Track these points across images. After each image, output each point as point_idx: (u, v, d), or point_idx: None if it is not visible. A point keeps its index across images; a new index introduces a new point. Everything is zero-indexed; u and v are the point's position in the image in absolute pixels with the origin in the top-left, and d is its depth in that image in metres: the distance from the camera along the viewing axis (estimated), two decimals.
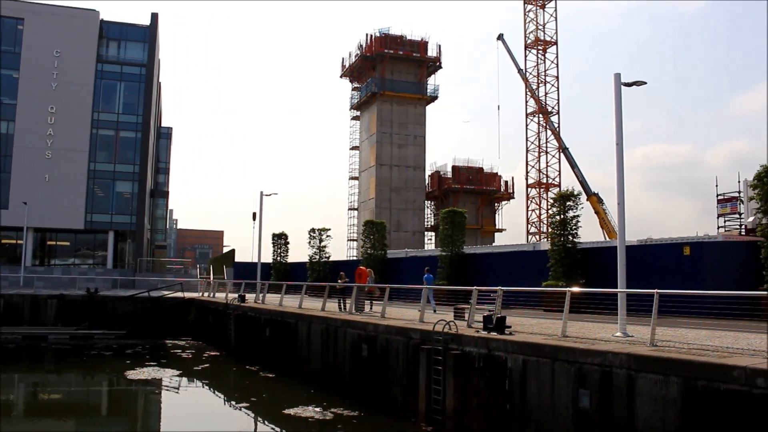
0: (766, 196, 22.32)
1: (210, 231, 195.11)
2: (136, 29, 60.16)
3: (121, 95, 58.40)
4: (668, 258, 25.66)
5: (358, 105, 78.12)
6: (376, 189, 71.73)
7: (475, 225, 73.38)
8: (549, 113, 71.46)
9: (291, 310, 26.74)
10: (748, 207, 32.03)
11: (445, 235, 37.07)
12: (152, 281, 48.61)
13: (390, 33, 74.70)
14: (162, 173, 73.65)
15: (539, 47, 73.18)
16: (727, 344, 12.81)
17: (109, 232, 56.94)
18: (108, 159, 57.46)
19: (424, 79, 75.38)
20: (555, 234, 29.57)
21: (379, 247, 43.82)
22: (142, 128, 58.23)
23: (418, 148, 74.10)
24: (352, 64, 77.63)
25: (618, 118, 15.85)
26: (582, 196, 31.33)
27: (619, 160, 15.67)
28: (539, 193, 72.40)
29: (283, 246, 53.20)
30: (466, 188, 75.83)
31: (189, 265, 72.27)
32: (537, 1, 73.39)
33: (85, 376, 28.05)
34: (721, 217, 36.62)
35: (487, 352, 14.81)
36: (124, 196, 57.94)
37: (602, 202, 64.16)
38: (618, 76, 15.93)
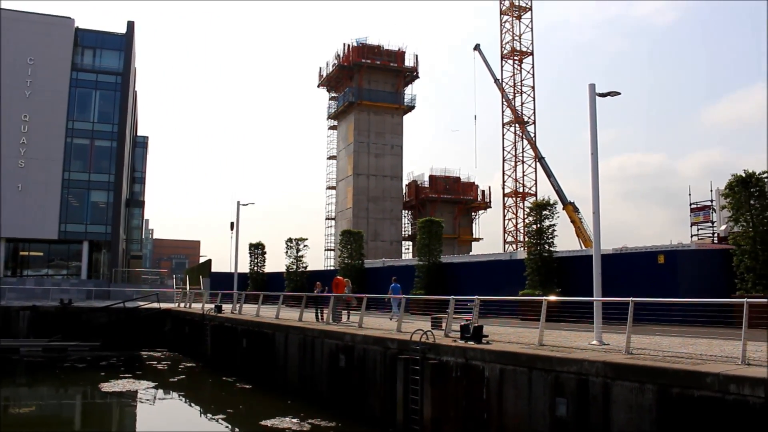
0: (737, 204, 22.69)
1: (186, 241, 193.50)
2: (112, 37, 59.66)
3: (97, 104, 57.79)
4: (643, 266, 25.95)
5: (336, 114, 78.18)
6: (353, 198, 71.71)
7: (453, 234, 73.63)
8: (525, 123, 72.01)
9: (268, 321, 26.59)
10: (720, 215, 32.50)
11: (423, 245, 37.13)
12: (127, 292, 48.06)
13: (367, 43, 74.95)
14: (138, 183, 73.01)
15: (515, 57, 73.78)
16: (700, 351, 12.95)
17: (84, 242, 56.23)
18: (83, 168, 56.77)
19: (402, 88, 75.65)
20: (531, 243, 29.78)
21: (356, 257, 43.77)
22: (118, 137, 57.67)
23: (396, 157, 74.24)
24: (329, 73, 77.71)
25: (593, 128, 16.01)
26: (558, 205, 31.57)
27: (594, 170, 15.82)
28: (516, 202, 72.84)
29: (260, 256, 52.95)
30: (444, 198, 76.11)
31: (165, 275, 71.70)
32: (513, 12, 74.03)
33: (58, 389, 27.62)
34: (695, 225, 37.09)
35: (465, 362, 14.83)
36: (99, 205, 57.27)
37: (578, 211, 64.71)
38: (592, 86, 16.10)
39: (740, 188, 22.62)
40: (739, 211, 22.63)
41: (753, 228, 22.19)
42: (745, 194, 22.49)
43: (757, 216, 22.22)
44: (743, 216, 22.52)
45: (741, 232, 22.60)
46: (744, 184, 22.57)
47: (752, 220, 22.27)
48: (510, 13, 74.20)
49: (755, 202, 22.39)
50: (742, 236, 22.50)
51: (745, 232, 22.38)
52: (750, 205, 22.40)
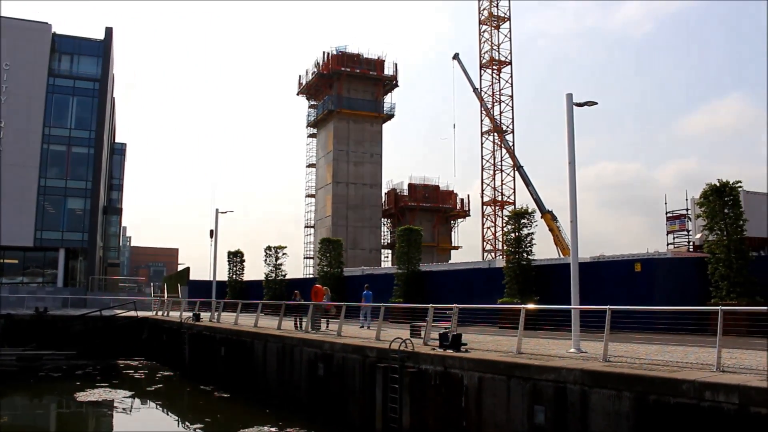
0: (711, 213, 23.02)
1: (164, 249, 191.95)
2: (89, 43, 59.19)
3: (74, 110, 57.27)
4: (620, 274, 26.20)
5: (315, 122, 78.12)
6: (332, 207, 71.63)
7: (432, 242, 73.74)
8: (504, 132, 72.42)
9: (246, 329, 26.48)
10: (696, 224, 32.91)
11: (402, 253, 37.20)
12: (104, 300, 47.58)
13: (347, 51, 75.03)
14: (115, 190, 72.39)
15: (494, 67, 74.22)
16: (677, 358, 13.11)
17: (60, 249, 55.60)
18: (59, 175, 56.19)
19: (381, 97, 75.79)
20: (510, 251, 29.96)
21: (335, 265, 43.72)
22: (95, 144, 57.18)
23: (375, 165, 74.29)
24: (308, 81, 77.66)
25: (570, 138, 16.17)
26: (536, 213, 31.82)
27: (572, 179, 15.97)
28: (494, 210, 73.14)
29: (239, 264, 52.72)
30: (423, 206, 76.26)
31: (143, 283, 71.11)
32: (491, 22, 74.52)
33: (33, 399, 27.24)
34: (671, 234, 37.51)
35: (443, 370, 14.87)
36: (76, 212, 56.70)
37: (556, 220, 65.13)
38: (570, 96, 16.26)
39: (714, 197, 22.96)
40: (714, 220, 22.96)
41: (727, 236, 22.51)
42: (719, 203, 22.83)
43: (730, 224, 22.56)
44: (717, 225, 22.85)
45: (715, 240, 22.92)
46: (718, 194, 22.90)
47: (726, 228, 22.60)
48: (489, 23, 74.68)
49: (729, 210, 22.73)
50: (716, 244, 22.82)
51: (720, 241, 22.70)
52: (724, 214, 22.74)
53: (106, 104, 59.43)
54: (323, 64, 74.65)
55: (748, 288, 21.69)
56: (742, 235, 22.53)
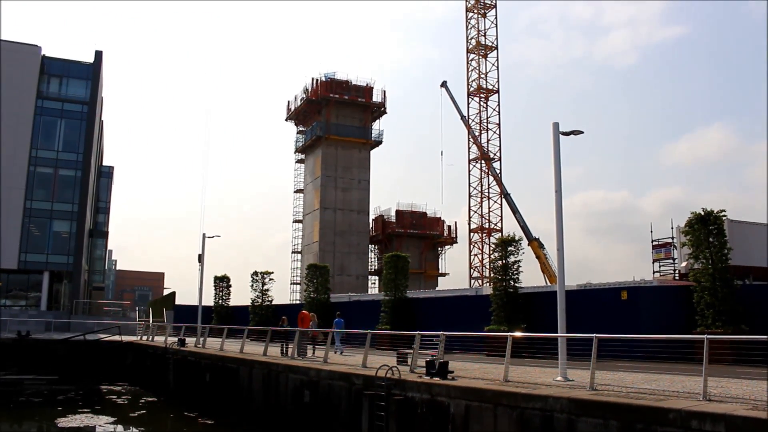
0: (696, 242, 23.20)
1: (150, 273, 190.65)
2: (78, 66, 59.21)
3: (62, 132, 57.10)
4: (607, 302, 26.28)
5: (303, 148, 78.31)
6: (320, 232, 71.57)
7: (419, 269, 73.74)
8: (491, 159, 72.81)
9: (232, 355, 26.28)
10: (681, 252, 33.15)
11: (389, 280, 37.16)
12: (88, 324, 47.07)
13: (335, 78, 75.55)
14: (102, 213, 71.98)
15: (481, 95, 74.84)
16: (663, 387, 13.13)
17: (44, 272, 55.04)
18: (46, 197, 55.81)
19: (369, 123, 76.19)
20: (497, 279, 29.99)
21: (322, 291, 43.59)
22: (83, 167, 56.94)
23: (363, 192, 74.45)
24: (297, 107, 78.01)
25: (556, 166, 16.31)
26: (523, 241, 31.92)
27: (558, 208, 16.08)
28: (482, 237, 73.26)
29: (225, 289, 52.45)
30: (410, 232, 76.37)
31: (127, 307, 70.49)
32: (479, 51, 75.29)
33: (12, 425, 26.79)
34: (656, 262, 37.76)
35: (430, 398, 14.81)
36: (62, 235, 56.26)
37: (543, 247, 65.29)
38: (556, 125, 16.42)
39: (699, 226, 23.16)
40: (699, 249, 23.14)
41: (712, 265, 22.67)
42: (704, 232, 23.02)
43: (715, 253, 22.73)
44: (703, 253, 23.02)
45: (701, 269, 23.07)
46: (703, 222, 23.12)
47: (711, 257, 22.77)
48: (476, 51, 75.44)
49: (714, 239, 22.93)
50: (701, 273, 22.97)
51: (705, 269, 22.85)
52: (709, 243, 22.93)
53: (94, 127, 59.31)
54: (312, 90, 75.09)
55: (734, 316, 21.81)
56: (726, 264, 22.70)
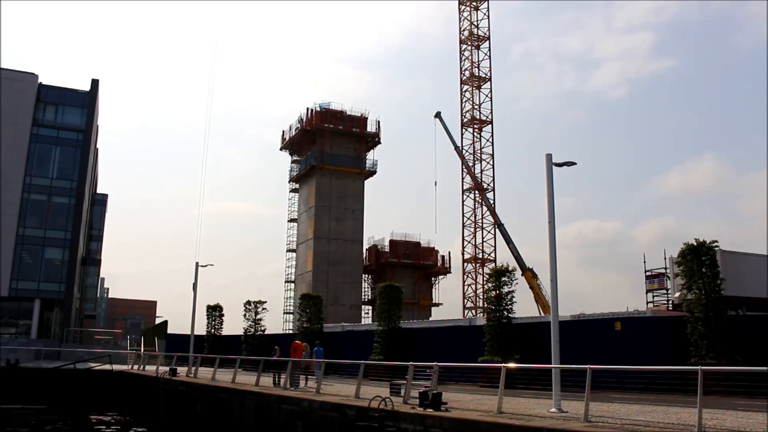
0: (689, 273, 23.27)
1: (142, 301, 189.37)
2: (75, 94, 59.48)
3: (56, 160, 57.16)
4: (600, 333, 26.26)
5: (298, 177, 78.49)
6: (313, 262, 71.43)
7: (412, 299, 73.51)
8: (484, 190, 73.07)
9: (224, 385, 26.07)
10: (674, 283, 33.21)
11: (382, 310, 37.06)
12: (79, 353, 46.60)
13: (330, 108, 76.02)
14: (95, 241, 71.78)
15: (475, 126, 75.32)
16: (657, 419, 13.07)
17: (36, 300, 54.65)
18: (39, 225, 55.66)
19: (363, 153, 76.52)
20: (491, 309, 29.96)
21: (315, 321, 43.39)
22: (77, 194, 56.92)
23: (356, 221, 74.50)
24: (292, 137, 78.35)
25: (550, 197, 16.39)
26: (517, 271, 31.94)
27: (552, 239, 16.14)
28: (475, 268, 73.22)
29: (218, 318, 52.12)
30: (404, 262, 76.28)
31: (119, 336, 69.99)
32: (473, 83, 75.95)
33: None
34: (650, 292, 37.79)
35: (423, 429, 14.69)
36: (54, 263, 56.00)
37: (537, 278, 65.29)
38: (549, 156, 16.54)
39: (692, 257, 23.25)
40: (692, 279, 23.19)
41: (705, 296, 22.71)
42: (697, 263, 23.10)
43: (708, 284, 22.78)
44: (696, 284, 23.08)
45: (694, 299, 23.10)
46: (695, 253, 23.20)
47: (704, 287, 22.82)
48: (470, 83, 76.10)
49: (706, 270, 22.99)
50: (695, 304, 22.99)
51: (698, 300, 22.88)
52: (702, 273, 22.99)
53: (89, 155, 59.40)
54: (306, 119, 75.50)
55: (728, 347, 21.79)
56: (719, 295, 22.74)
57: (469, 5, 77.19)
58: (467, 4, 77.31)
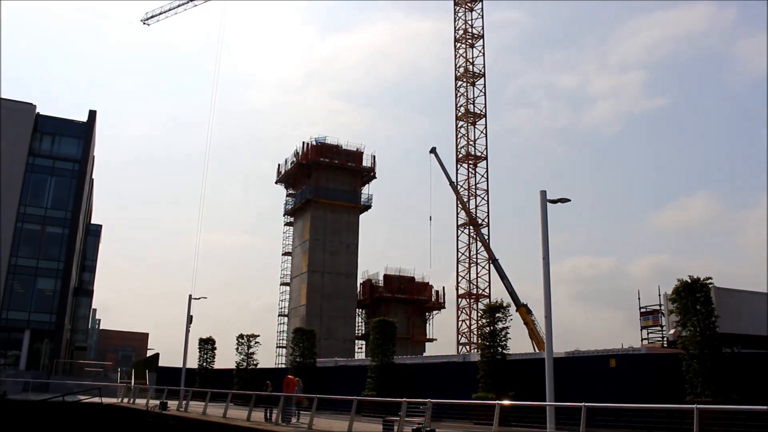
0: (684, 310, 23.24)
1: (134, 333, 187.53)
2: (72, 125, 59.79)
3: (51, 190, 57.23)
4: (595, 370, 26.11)
5: (293, 211, 78.63)
6: (307, 296, 71.18)
7: (406, 334, 73.09)
8: (479, 225, 73.17)
9: (215, 420, 25.78)
10: (669, 320, 33.16)
11: (376, 345, 36.82)
12: (68, 385, 46.09)
13: (326, 142, 76.47)
14: (88, 271, 71.43)
15: (470, 161, 75.70)
16: None
17: (26, 330, 54.14)
18: (31, 254, 55.43)
19: (359, 188, 76.80)
20: (485, 345, 29.82)
21: (308, 356, 43.05)
22: (71, 224, 56.83)
23: (351, 255, 74.45)
24: (287, 170, 78.67)
25: (544, 234, 16.47)
26: (511, 307, 31.87)
27: (546, 275, 16.17)
28: (469, 303, 72.99)
29: (210, 351, 51.68)
30: (398, 297, 76.05)
31: (109, 368, 69.23)
32: (468, 119, 76.56)
33: None
34: (645, 329, 37.70)
35: None
36: (46, 293, 55.63)
37: (531, 313, 65.01)
38: (544, 193, 16.66)
39: (686, 293, 23.24)
40: (686, 316, 23.15)
41: (700, 333, 22.64)
42: (691, 300, 23.08)
43: (703, 321, 22.74)
44: (690, 321, 23.03)
45: (689, 336, 23.03)
46: (690, 290, 23.20)
47: (699, 325, 22.77)
48: (465, 119, 76.70)
49: (701, 307, 22.96)
50: (689, 341, 22.91)
51: (693, 337, 22.81)
52: (696, 310, 22.96)
53: (84, 185, 59.46)
54: (302, 153, 75.89)
55: (723, 385, 21.67)
56: (714, 332, 22.68)
57: (465, 43, 78.20)
58: (463, 41, 78.32)
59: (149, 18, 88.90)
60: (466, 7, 78.82)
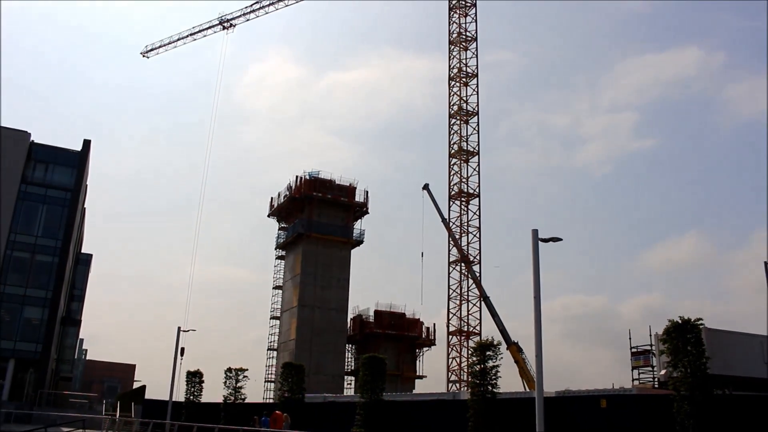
0: (675, 351, 23.22)
1: (121, 364, 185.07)
2: (66, 153, 59.76)
3: (42, 218, 56.97)
4: (586, 410, 25.99)
5: (284, 245, 78.47)
6: (297, 330, 70.69)
7: (396, 371, 72.48)
8: (471, 262, 73.14)
9: None
10: (660, 360, 33.09)
11: (365, 381, 36.53)
12: (52, 416, 45.35)
13: (319, 177, 76.69)
14: (76, 301, 70.79)
15: (462, 199, 75.95)
16: None
17: (10, 360, 53.32)
18: (20, 282, 54.92)
19: (351, 223, 76.81)
20: (475, 383, 29.70)
21: (297, 391, 42.65)
22: (61, 253, 56.48)
23: (342, 290, 74.18)
24: (280, 204, 78.71)
25: (535, 272, 16.50)
26: (502, 345, 31.81)
27: (537, 314, 16.17)
28: (460, 340, 72.58)
29: (198, 385, 50.99)
30: (388, 333, 75.53)
31: (95, 399, 68.22)
32: (461, 156, 77.01)
33: None
34: (636, 369, 37.59)
35: None
36: (32, 322, 54.98)
37: (522, 352, 64.65)
38: (535, 232, 16.72)
39: (677, 334, 23.26)
40: (677, 357, 23.13)
41: (691, 374, 22.59)
42: (682, 341, 23.08)
43: (694, 362, 22.70)
44: (681, 362, 23.00)
45: (680, 377, 22.98)
46: (680, 331, 23.22)
47: (690, 366, 22.73)
48: (458, 156, 77.13)
49: (692, 348, 22.96)
50: (681, 382, 22.86)
51: (684, 378, 22.76)
52: (687, 351, 22.94)
53: (76, 214, 59.27)
54: (295, 187, 76.03)
55: (714, 427, 21.56)
56: (706, 373, 22.64)
57: (459, 81, 79.06)
58: (457, 79, 79.20)
59: (149, 51, 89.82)
60: (460, 46, 79.87)
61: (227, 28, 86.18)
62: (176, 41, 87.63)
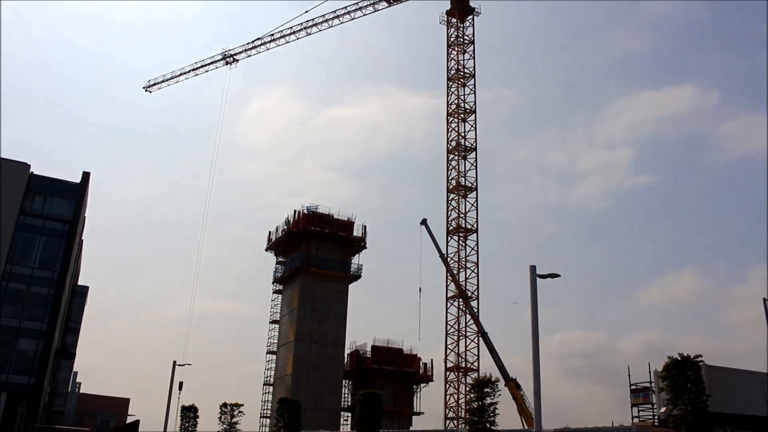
0: (674, 388, 23.02)
1: (115, 398, 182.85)
2: (65, 185, 59.80)
3: (40, 250, 56.78)
4: None
5: (282, 279, 78.20)
6: (293, 365, 70.07)
7: (393, 407, 71.71)
8: (469, 298, 72.86)
9: None
10: (660, 397, 32.80)
11: (362, 417, 36.22)
12: None
13: (317, 211, 76.70)
14: (71, 333, 70.21)
15: (460, 234, 75.94)
16: None
17: (2, 393, 52.72)
18: (15, 314, 54.49)
19: (349, 257, 76.64)
20: (473, 420, 29.41)
21: (292, 427, 42.24)
22: (56, 285, 56.18)
23: (339, 325, 73.70)
24: (278, 238, 78.58)
25: (534, 308, 16.43)
26: (500, 382, 31.56)
27: (535, 350, 16.06)
28: (458, 377, 71.97)
29: (192, 420, 50.50)
30: (385, 369, 74.93)
31: None
32: (459, 192, 77.21)
33: None
34: (635, 406, 37.21)
35: None
36: (26, 354, 54.42)
37: (520, 388, 64.11)
38: (533, 268, 16.70)
39: (676, 371, 23.09)
40: (677, 394, 22.94)
41: (691, 412, 22.37)
42: (682, 378, 22.90)
43: (694, 400, 22.50)
44: (681, 399, 22.80)
45: (680, 415, 22.75)
46: (680, 368, 23.06)
47: (690, 403, 22.52)
48: (456, 192, 77.34)
49: (692, 385, 22.78)
50: (681, 420, 22.63)
51: (684, 416, 22.53)
52: (687, 389, 22.75)
53: (73, 246, 59.09)
54: (293, 222, 76.01)
55: None
56: (706, 411, 22.42)
57: (457, 117, 79.66)
58: (455, 115, 79.81)
59: (152, 85, 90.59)
60: (459, 82, 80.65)
61: (230, 63, 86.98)
62: (178, 76, 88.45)
